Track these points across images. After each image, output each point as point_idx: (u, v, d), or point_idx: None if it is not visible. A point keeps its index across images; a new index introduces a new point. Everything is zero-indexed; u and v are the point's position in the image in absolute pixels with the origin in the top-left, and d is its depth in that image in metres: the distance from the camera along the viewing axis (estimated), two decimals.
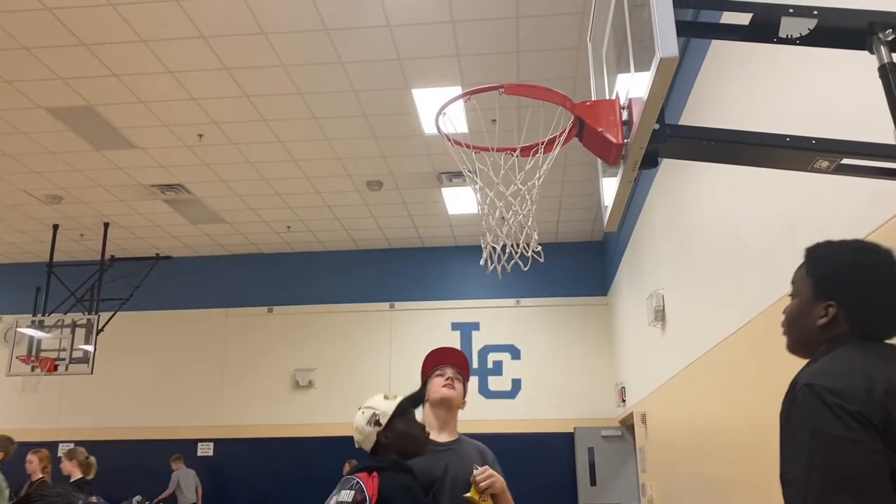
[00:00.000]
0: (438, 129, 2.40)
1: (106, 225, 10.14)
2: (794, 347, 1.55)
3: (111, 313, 10.36)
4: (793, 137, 1.88)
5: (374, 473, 2.20)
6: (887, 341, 1.42)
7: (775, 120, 3.27)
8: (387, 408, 2.50)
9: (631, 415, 8.71)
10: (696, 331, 5.16)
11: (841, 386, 1.24)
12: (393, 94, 6.87)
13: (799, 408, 1.27)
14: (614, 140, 2.05)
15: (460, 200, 9.48)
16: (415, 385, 2.92)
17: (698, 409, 5.19)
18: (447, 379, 2.82)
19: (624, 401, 9.43)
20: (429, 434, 2.47)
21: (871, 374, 1.27)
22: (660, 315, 6.32)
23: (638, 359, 8.21)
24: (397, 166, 8.44)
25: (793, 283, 1.55)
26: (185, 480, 10.14)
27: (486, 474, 2.41)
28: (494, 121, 5.72)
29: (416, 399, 2.65)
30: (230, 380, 11.11)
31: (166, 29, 5.84)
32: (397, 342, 11.10)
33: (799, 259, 1.57)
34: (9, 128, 7.37)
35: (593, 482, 10.08)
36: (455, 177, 8.66)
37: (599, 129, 2.07)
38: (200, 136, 7.60)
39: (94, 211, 9.69)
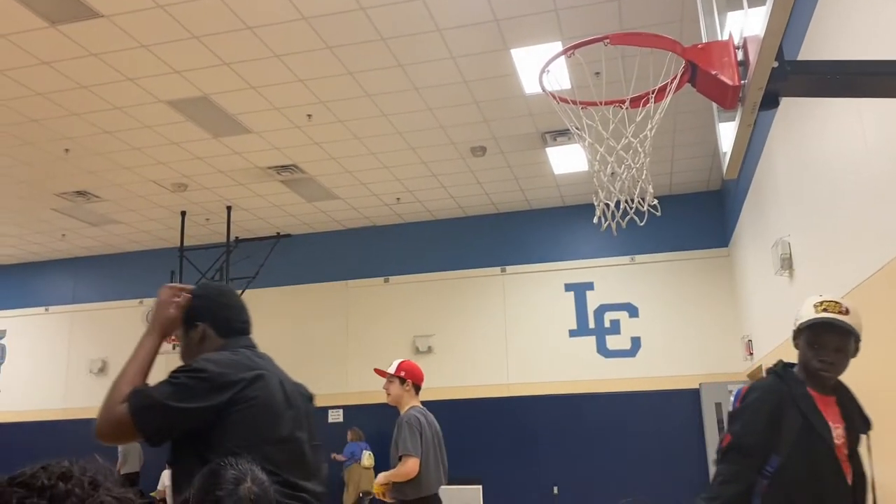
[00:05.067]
0: (542, 87, 2.37)
1: (229, 208, 10.69)
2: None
3: (240, 292, 10.93)
4: None
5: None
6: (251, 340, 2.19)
7: None
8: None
9: (759, 368, 8.39)
10: (827, 277, 4.89)
11: (216, 369, 1.94)
12: (492, 57, 6.81)
13: (188, 372, 1.95)
14: (730, 82, 1.96)
15: (566, 159, 9.33)
16: (527, 346, 3.09)
17: None
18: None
19: (751, 354, 9.09)
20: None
21: (248, 363, 2.01)
22: (787, 263, 6.03)
23: (764, 310, 7.88)
24: (500, 130, 8.40)
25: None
26: (132, 452, 11.02)
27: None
28: (598, 73, 5.57)
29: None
30: (354, 348, 11.53)
31: (270, 14, 6.02)
32: (511, 305, 11.14)
33: None
34: (135, 123, 7.87)
35: None
36: (560, 135, 8.52)
37: (713, 72, 1.99)
38: (309, 116, 7.83)
39: (216, 196, 10.22)
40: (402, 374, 4.09)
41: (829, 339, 2.38)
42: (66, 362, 12.81)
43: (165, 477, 9.12)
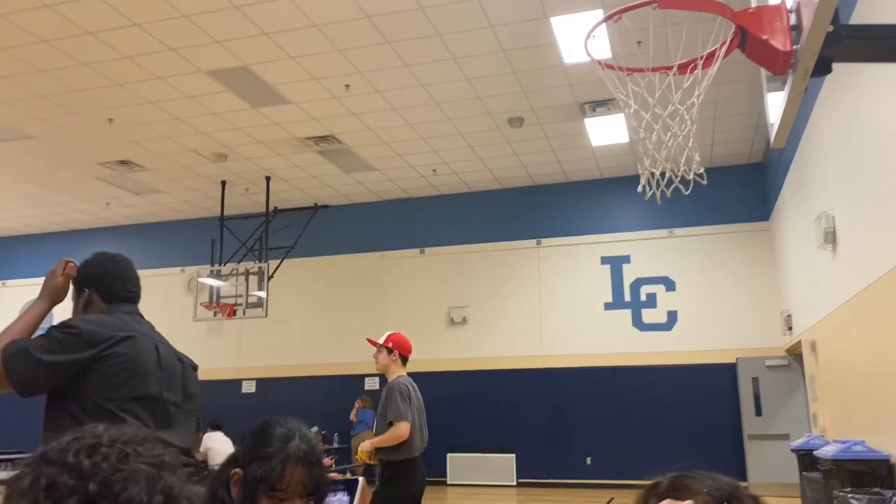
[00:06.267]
0: (588, 53, 2.35)
1: (268, 178, 10.80)
2: None
3: (279, 261, 11.11)
4: None
5: None
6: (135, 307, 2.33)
7: None
8: None
9: (798, 343, 8.30)
10: (871, 251, 4.79)
11: (86, 326, 2.05)
12: (531, 26, 6.73)
13: (60, 328, 2.04)
14: (782, 48, 1.92)
15: (605, 131, 9.22)
16: (562, 318, 3.08)
17: (875, 334, 4.86)
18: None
19: (790, 329, 8.97)
20: None
21: (121, 325, 2.11)
22: (830, 237, 5.92)
23: (805, 285, 7.76)
24: (538, 100, 8.32)
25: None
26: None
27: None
28: (640, 42, 5.49)
29: None
30: (390, 318, 11.64)
31: None
32: (546, 277, 11.13)
33: None
34: (176, 93, 7.97)
35: (759, 412, 9.76)
36: (599, 106, 8.42)
37: (764, 37, 1.95)
38: (347, 86, 7.85)
39: (256, 166, 10.33)
40: (390, 344, 4.46)
41: None
42: None
43: (207, 440, 9.33)
